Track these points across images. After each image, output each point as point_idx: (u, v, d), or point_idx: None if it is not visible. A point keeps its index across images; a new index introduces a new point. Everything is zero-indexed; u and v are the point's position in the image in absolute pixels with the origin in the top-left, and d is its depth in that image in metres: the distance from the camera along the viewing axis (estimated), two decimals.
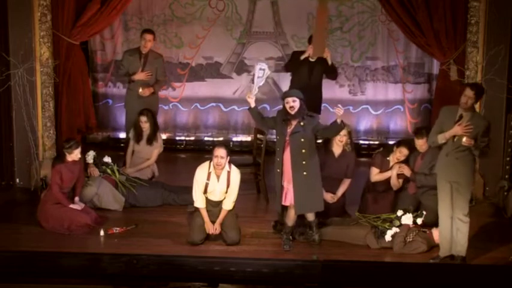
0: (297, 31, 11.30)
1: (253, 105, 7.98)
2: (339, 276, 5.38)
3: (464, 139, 7.19)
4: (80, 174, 8.69)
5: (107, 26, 10.75)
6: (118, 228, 8.45)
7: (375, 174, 8.66)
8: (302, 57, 9.69)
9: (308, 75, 9.69)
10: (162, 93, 11.92)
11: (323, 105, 11.72)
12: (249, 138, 11.54)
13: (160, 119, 11.91)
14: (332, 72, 9.90)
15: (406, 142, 8.74)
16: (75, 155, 8.48)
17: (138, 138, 9.87)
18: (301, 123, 7.85)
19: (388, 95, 11.86)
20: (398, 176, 8.55)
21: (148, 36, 10.03)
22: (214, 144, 8.32)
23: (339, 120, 7.71)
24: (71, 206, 8.51)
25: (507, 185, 9.29)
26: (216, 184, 8.08)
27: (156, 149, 9.86)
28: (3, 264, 5.59)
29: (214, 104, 12.00)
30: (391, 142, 9.10)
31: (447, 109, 7.53)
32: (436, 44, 9.58)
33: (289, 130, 7.90)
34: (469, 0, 9.36)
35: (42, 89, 9.72)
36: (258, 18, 11.80)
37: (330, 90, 11.77)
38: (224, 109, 12.00)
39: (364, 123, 11.90)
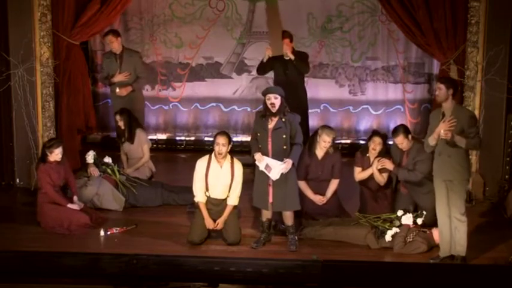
0: (297, 31, 11.26)
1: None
2: (339, 276, 5.38)
3: (442, 132, 7.24)
4: (68, 174, 8.64)
5: (107, 26, 10.73)
6: (118, 228, 8.45)
7: (358, 173, 8.66)
8: (265, 60, 10.03)
9: (283, 72, 9.97)
10: (163, 93, 11.92)
11: (323, 105, 11.77)
12: (249, 138, 11.50)
13: (160, 119, 11.92)
14: (301, 67, 10.05)
15: (376, 132, 8.78)
16: (55, 154, 8.43)
17: (120, 139, 9.89)
18: (283, 119, 7.86)
19: (388, 95, 11.83)
20: (381, 170, 8.53)
21: (109, 39, 10.09)
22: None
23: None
24: (69, 205, 8.50)
25: (507, 185, 9.30)
26: (220, 172, 8.05)
27: (145, 145, 9.86)
28: (3, 264, 5.59)
29: (214, 104, 11.98)
30: (390, 142, 9.04)
31: (433, 113, 7.73)
32: (436, 44, 9.57)
33: (270, 126, 7.90)
34: (469, 0, 9.36)
35: (42, 89, 9.72)
36: (258, 18, 11.77)
37: (330, 90, 11.77)
38: (224, 109, 11.98)
39: (364, 123, 11.88)
